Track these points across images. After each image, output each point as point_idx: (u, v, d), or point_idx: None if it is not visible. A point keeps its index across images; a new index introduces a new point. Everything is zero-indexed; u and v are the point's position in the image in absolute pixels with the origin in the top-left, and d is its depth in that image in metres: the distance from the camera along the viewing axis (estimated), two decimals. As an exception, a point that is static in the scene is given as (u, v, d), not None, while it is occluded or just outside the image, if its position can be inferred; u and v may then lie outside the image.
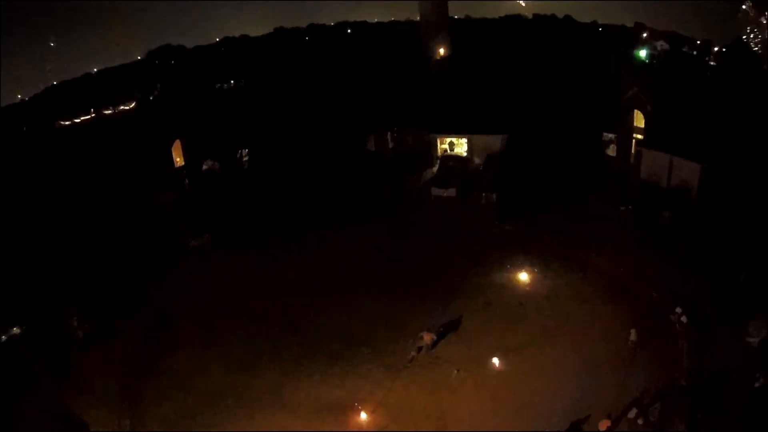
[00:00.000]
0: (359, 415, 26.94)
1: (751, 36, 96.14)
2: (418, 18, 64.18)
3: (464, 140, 49.25)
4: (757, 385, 24.40)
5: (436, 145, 49.77)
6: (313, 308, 34.91)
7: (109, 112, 47.08)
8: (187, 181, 47.30)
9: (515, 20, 73.45)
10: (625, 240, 37.19)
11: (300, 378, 29.85)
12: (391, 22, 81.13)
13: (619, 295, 33.01)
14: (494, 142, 48.03)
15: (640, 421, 24.45)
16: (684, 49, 61.74)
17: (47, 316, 32.77)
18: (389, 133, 51.36)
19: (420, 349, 30.49)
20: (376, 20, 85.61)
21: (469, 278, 36.11)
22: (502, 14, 78.29)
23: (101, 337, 32.53)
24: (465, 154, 49.25)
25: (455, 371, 29.19)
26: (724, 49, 57.98)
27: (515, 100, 48.41)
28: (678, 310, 29.96)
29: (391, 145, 51.38)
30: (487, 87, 50.49)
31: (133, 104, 49.74)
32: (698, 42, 63.86)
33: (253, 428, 27.02)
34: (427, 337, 30.67)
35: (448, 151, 49.81)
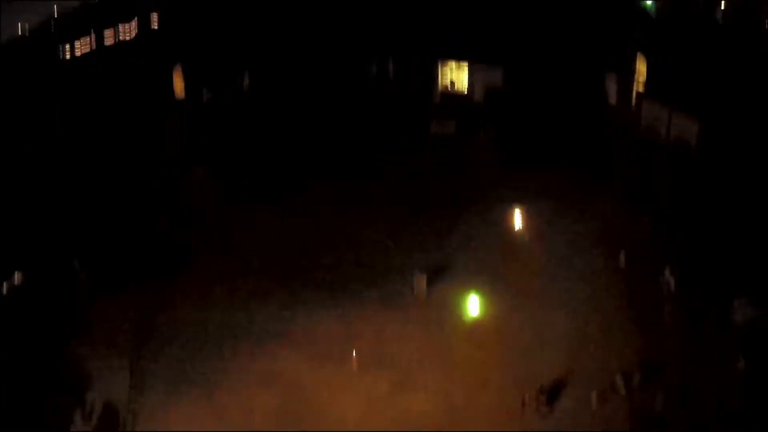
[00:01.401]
0: (355, 355, 28.08)
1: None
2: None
3: (465, 74, 48.48)
4: (739, 367, 25.16)
5: (437, 77, 48.97)
6: (312, 243, 35.62)
7: (110, 38, 45.14)
8: (188, 110, 46.68)
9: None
10: (623, 187, 37.81)
11: (300, 313, 30.78)
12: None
13: (613, 243, 33.54)
14: (495, 76, 47.43)
15: (622, 390, 25.40)
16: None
17: (49, 261, 32.85)
18: (390, 61, 50.16)
19: (413, 288, 31.55)
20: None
21: (465, 215, 36.79)
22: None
23: (106, 281, 32.71)
24: (465, 88, 48.66)
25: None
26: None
27: (519, 32, 47.40)
28: (667, 272, 30.45)
29: (392, 74, 50.27)
30: (491, 16, 49.21)
31: (133, 27, 47.74)
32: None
33: (255, 363, 28.24)
34: (421, 277, 31.63)
35: (449, 85, 49.11)
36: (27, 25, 42.94)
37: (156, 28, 48.11)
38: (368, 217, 37.35)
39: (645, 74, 45.00)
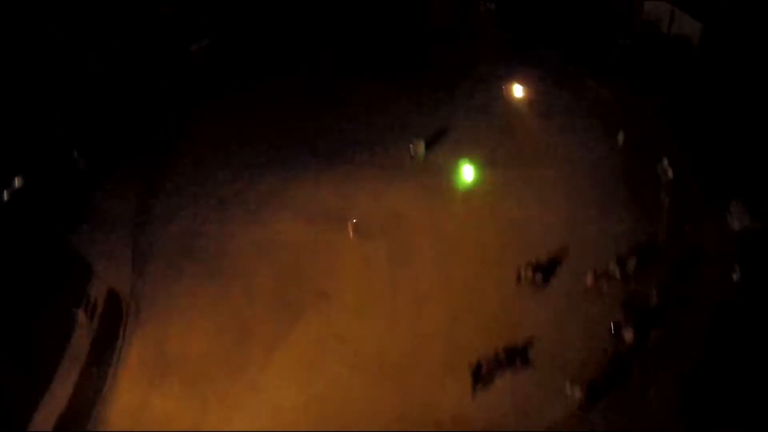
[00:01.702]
0: (354, 223, 28.67)
1: None
2: None
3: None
4: (734, 277, 24.96)
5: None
6: (311, 111, 35.98)
7: None
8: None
9: None
10: (623, 72, 36.94)
11: (300, 181, 31.44)
12: None
13: (612, 124, 33.27)
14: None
15: (617, 274, 25.64)
16: None
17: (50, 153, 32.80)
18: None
19: (412, 156, 32.09)
20: None
21: (463, 83, 36.96)
22: None
23: (107, 166, 33.06)
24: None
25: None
26: None
27: None
28: (665, 162, 30.14)
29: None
30: None
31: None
32: None
33: (255, 232, 28.99)
34: (419, 146, 32.16)
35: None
36: None
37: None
38: (369, 84, 37.56)
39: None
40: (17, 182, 30.86)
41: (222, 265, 27.79)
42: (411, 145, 32.15)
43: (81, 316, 26.06)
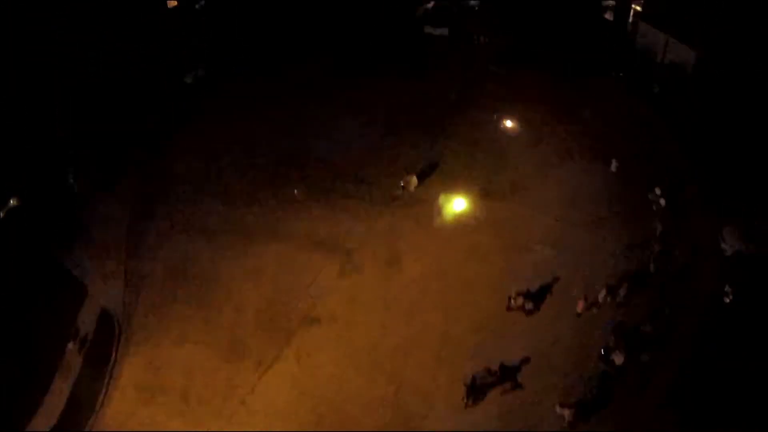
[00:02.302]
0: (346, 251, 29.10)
1: None
2: None
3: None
4: (726, 300, 24.82)
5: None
6: (304, 141, 35.94)
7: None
8: (180, 18, 45.63)
9: None
10: (616, 104, 37.14)
11: (291, 209, 31.60)
12: None
13: (603, 156, 33.28)
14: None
15: (608, 301, 25.62)
16: None
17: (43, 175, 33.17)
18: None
19: (404, 188, 32.15)
20: None
21: (456, 118, 36.84)
22: None
23: (101, 189, 33.35)
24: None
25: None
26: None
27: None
28: (657, 190, 30.11)
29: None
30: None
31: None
32: None
33: (248, 260, 29.16)
34: (412, 179, 32.25)
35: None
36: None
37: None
38: (360, 117, 37.54)
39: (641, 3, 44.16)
40: (13, 201, 31.21)
41: (213, 290, 28.09)
42: (402, 180, 32.33)
43: (71, 347, 26.28)
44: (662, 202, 29.85)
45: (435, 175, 33.07)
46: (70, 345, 26.28)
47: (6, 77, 35.52)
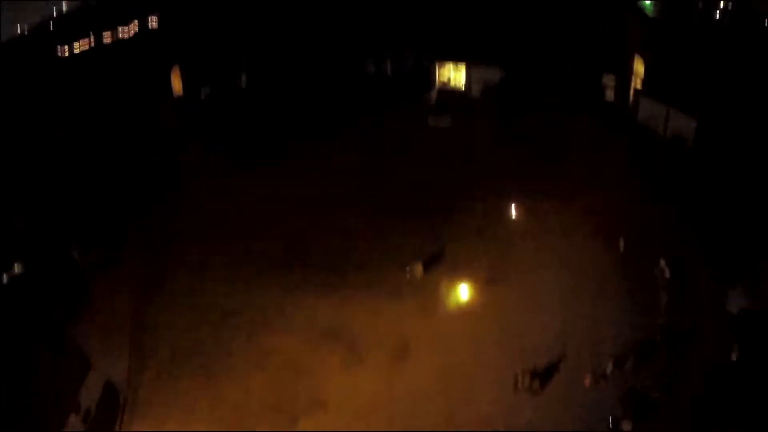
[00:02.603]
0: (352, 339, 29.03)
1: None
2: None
3: (463, 70, 48.98)
4: (733, 358, 25.33)
5: (435, 74, 49.43)
6: (309, 229, 36.23)
7: (108, 38, 45.77)
8: (186, 107, 47.61)
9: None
10: (619, 181, 38.04)
11: (298, 297, 31.52)
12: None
13: (608, 237, 33.78)
14: (493, 73, 47.97)
15: (615, 374, 25.91)
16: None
17: (48, 250, 33.29)
18: (389, 59, 50.72)
19: (410, 277, 32.28)
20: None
21: (460, 205, 37.40)
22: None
23: (104, 267, 33.59)
24: (463, 84, 49.14)
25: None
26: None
27: (517, 33, 47.80)
28: (662, 262, 30.65)
29: (390, 71, 50.81)
30: (489, 18, 49.54)
31: (132, 29, 48.30)
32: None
33: (254, 344, 29.10)
34: (417, 267, 32.42)
35: (447, 81, 49.60)
36: (26, 26, 43.22)
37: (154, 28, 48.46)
38: (363, 207, 37.99)
39: (642, 74, 45.34)
40: (17, 268, 31.25)
41: (219, 369, 27.97)
42: (408, 267, 32.56)
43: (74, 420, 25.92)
44: (667, 273, 30.33)
45: (440, 262, 33.29)
46: (73, 418, 25.83)
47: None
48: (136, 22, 46.50)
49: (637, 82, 45.57)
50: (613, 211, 35.65)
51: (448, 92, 49.18)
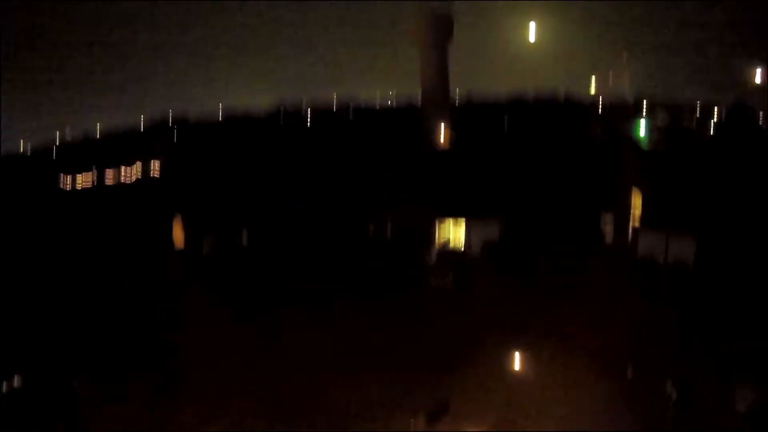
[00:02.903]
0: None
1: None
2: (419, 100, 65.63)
3: (463, 225, 49.53)
4: None
5: (435, 234, 50.12)
6: (310, 386, 34.75)
7: (111, 179, 48.71)
8: (188, 259, 48.53)
9: (516, 101, 74.36)
10: (623, 319, 36.92)
11: None
12: (392, 106, 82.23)
13: (615, 376, 32.94)
14: (493, 226, 48.29)
15: None
16: (684, 119, 62.21)
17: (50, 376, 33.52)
18: (389, 220, 51.86)
19: (413, 427, 30.94)
20: (377, 100, 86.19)
21: (464, 358, 36.03)
22: (504, 90, 79.01)
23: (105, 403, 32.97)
24: (463, 239, 49.47)
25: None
26: (724, 113, 58.52)
27: (514, 184, 49.17)
28: (669, 388, 30.23)
29: (390, 232, 51.78)
30: (486, 171, 51.18)
31: (134, 175, 51.47)
32: (698, 108, 64.02)
33: None
34: (421, 422, 31.19)
35: (447, 237, 50.08)
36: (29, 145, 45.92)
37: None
38: (364, 364, 36.49)
39: (640, 207, 45.36)
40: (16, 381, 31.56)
41: None
42: (412, 420, 31.40)
43: None
44: (674, 395, 29.97)
45: (446, 415, 31.80)
46: None
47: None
48: (138, 164, 49.02)
49: (635, 216, 45.48)
50: (620, 350, 34.61)
51: (449, 248, 49.34)
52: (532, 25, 52.81)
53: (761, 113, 48.98)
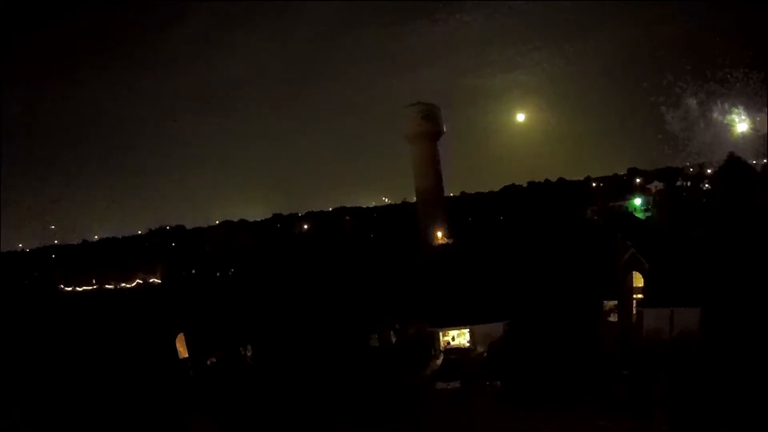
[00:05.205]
0: None
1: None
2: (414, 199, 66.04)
3: (466, 331, 48.42)
4: None
5: (439, 338, 48.86)
6: None
7: (111, 287, 48.80)
8: (190, 372, 48.28)
9: (510, 190, 74.81)
10: (631, 409, 35.61)
11: None
12: (388, 205, 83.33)
13: None
14: (496, 329, 46.99)
15: None
16: (678, 183, 61.97)
17: None
18: (391, 329, 50.91)
19: None
20: (372, 204, 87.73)
21: None
22: (497, 183, 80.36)
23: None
24: (467, 344, 48.20)
25: None
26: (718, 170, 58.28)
27: (514, 284, 48.39)
28: None
29: (393, 341, 50.68)
30: (486, 272, 50.55)
31: (134, 284, 51.52)
32: (691, 169, 64.01)
33: None
34: None
35: (450, 342, 48.85)
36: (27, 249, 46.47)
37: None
38: None
39: (642, 288, 44.10)
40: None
41: None
42: None
43: None
44: None
45: None
46: None
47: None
48: (140, 275, 48.98)
49: (637, 297, 44.23)
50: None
51: (454, 355, 47.91)
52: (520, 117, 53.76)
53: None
